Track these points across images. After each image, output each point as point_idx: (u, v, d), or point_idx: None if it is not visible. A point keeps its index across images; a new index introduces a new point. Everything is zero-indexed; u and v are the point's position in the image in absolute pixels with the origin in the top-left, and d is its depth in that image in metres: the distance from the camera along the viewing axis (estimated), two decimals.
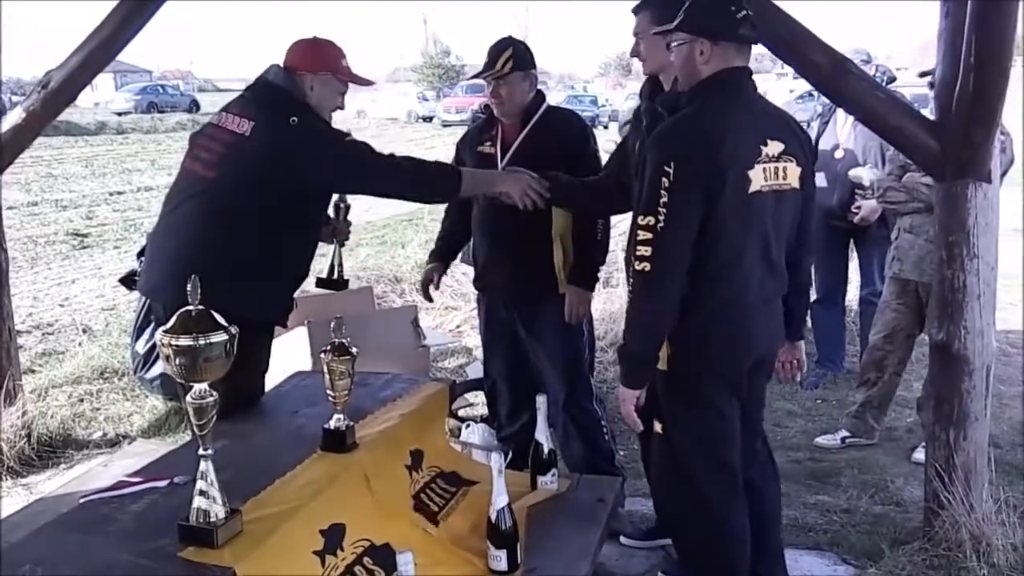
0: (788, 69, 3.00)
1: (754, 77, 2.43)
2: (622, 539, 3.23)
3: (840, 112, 4.48)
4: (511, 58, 3.10)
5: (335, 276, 3.17)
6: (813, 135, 4.44)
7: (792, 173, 2.33)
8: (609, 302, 5.81)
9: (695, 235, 2.22)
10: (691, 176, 2.19)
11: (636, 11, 2.73)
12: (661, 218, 2.19)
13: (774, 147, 2.29)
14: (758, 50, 2.84)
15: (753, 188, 2.24)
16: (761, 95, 2.50)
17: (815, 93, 4.77)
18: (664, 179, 2.19)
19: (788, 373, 2.72)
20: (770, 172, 2.27)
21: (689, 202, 2.20)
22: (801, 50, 2.92)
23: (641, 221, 2.22)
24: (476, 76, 3.30)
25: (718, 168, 2.21)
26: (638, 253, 2.21)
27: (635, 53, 2.77)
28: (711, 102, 2.31)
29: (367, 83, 2.86)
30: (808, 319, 3.69)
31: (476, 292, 3.59)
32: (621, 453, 3.71)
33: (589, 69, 70.14)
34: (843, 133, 4.61)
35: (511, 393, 3.49)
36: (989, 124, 2.74)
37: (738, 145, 2.25)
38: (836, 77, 2.92)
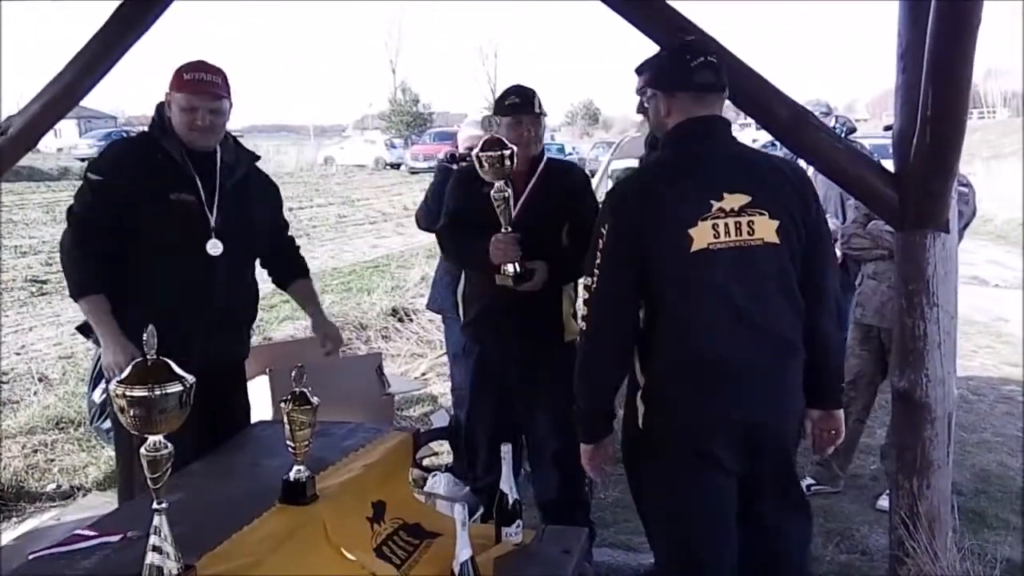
0: (751, 119, 3.05)
1: None
2: None
3: (800, 162, 4.56)
4: (540, 102, 3.14)
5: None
6: None
7: (763, 226, 2.19)
8: None
9: (633, 294, 2.20)
10: (622, 236, 2.18)
11: (639, 71, 2.89)
12: (595, 279, 2.21)
13: (733, 200, 2.17)
14: None
15: (697, 246, 2.14)
16: (737, 142, 2.40)
17: (776, 144, 4.87)
18: (600, 240, 2.21)
19: (821, 444, 2.51)
20: (726, 227, 2.16)
21: (620, 264, 2.19)
22: (762, 102, 2.96)
23: (583, 283, 2.27)
24: (509, 114, 3.12)
25: (649, 227, 2.17)
26: (582, 312, 2.27)
27: (640, 110, 2.87)
28: (661, 157, 2.31)
29: (201, 90, 2.75)
30: None
31: (465, 339, 3.43)
32: (592, 501, 3.67)
33: (556, 118, 71.10)
34: None
35: (491, 444, 3.38)
36: (946, 175, 2.79)
37: (678, 202, 2.18)
38: (797, 128, 2.95)
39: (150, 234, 2.74)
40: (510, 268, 2.98)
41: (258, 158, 3.09)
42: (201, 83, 2.75)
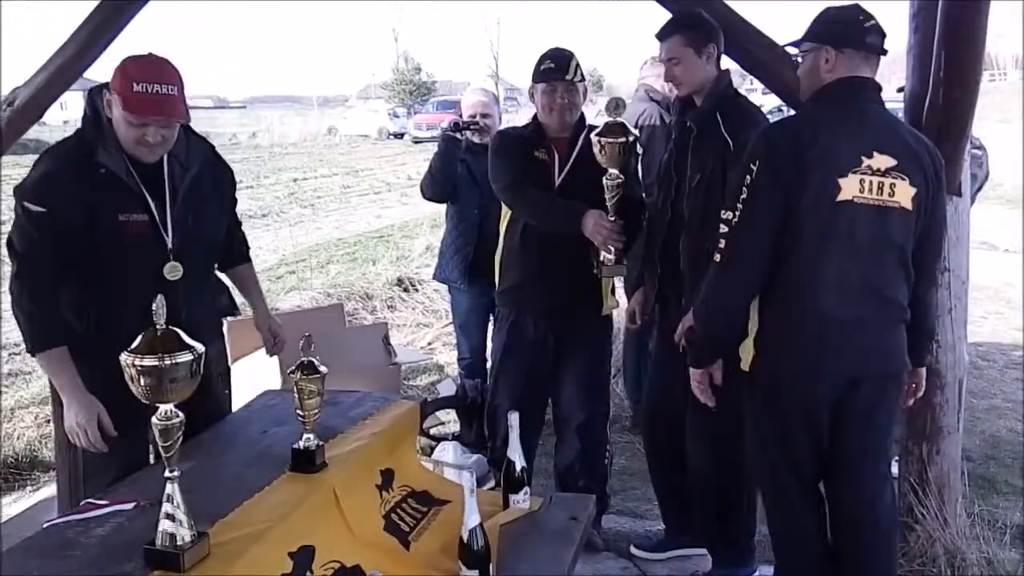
0: (756, 84, 3.03)
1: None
2: (633, 550, 3.25)
3: None
4: (578, 66, 3.07)
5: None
6: None
7: (902, 191, 2.29)
8: None
9: (773, 234, 2.29)
10: (772, 174, 2.27)
11: (664, 36, 2.85)
12: (738, 213, 2.30)
13: (881, 161, 2.27)
14: (728, 64, 2.88)
15: (842, 197, 2.24)
16: (889, 111, 2.48)
17: (784, 108, 4.83)
18: (748, 176, 2.30)
19: (906, 396, 2.65)
20: (870, 185, 2.26)
21: (767, 200, 2.28)
22: (770, 65, 2.93)
23: (723, 216, 2.34)
24: (543, 80, 3.06)
25: (801, 168, 2.25)
26: (718, 245, 2.35)
27: (670, 78, 2.90)
28: (817, 107, 2.40)
29: (156, 110, 2.25)
30: None
31: (499, 306, 3.37)
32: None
33: None
34: None
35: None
36: (959, 138, 2.77)
37: (831, 149, 2.27)
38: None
39: (99, 263, 2.35)
40: (611, 255, 2.95)
41: (211, 147, 2.65)
42: (156, 101, 2.23)
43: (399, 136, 33.18)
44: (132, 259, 2.36)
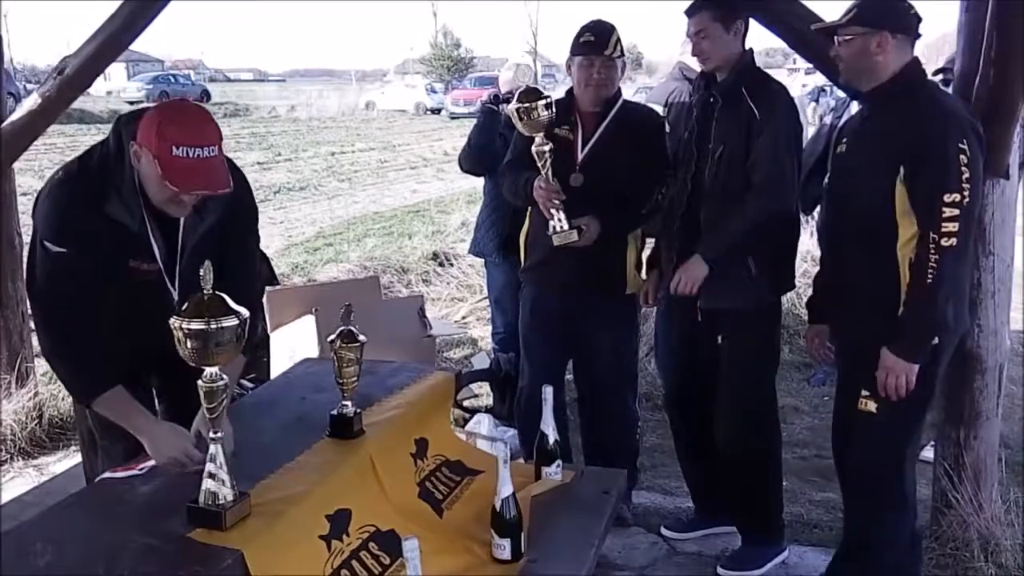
0: (800, 64, 3.00)
1: (768, 71, 2.46)
2: (663, 531, 3.27)
3: (854, 105, 4.46)
4: (618, 41, 3.03)
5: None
6: (826, 129, 4.44)
7: None
8: None
9: None
10: (979, 151, 2.36)
11: (692, 12, 2.87)
12: (966, 193, 2.30)
13: None
14: (772, 44, 2.89)
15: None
16: None
17: (827, 88, 4.76)
18: (962, 156, 2.31)
19: None
20: None
21: (980, 176, 2.38)
22: (817, 46, 2.89)
23: (947, 199, 2.30)
24: (580, 53, 3.01)
25: (982, 146, 2.40)
26: (944, 229, 2.30)
27: (697, 52, 2.89)
28: (931, 90, 2.50)
29: (199, 183, 2.00)
30: None
31: (524, 283, 3.37)
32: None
33: None
34: None
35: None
36: (1008, 120, 2.71)
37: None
38: None
39: (103, 311, 2.15)
40: (557, 224, 2.95)
41: (240, 182, 2.25)
42: (199, 169, 1.97)
43: (436, 112, 33.13)
44: (136, 308, 2.18)
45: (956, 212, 2.30)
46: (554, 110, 2.93)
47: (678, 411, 3.28)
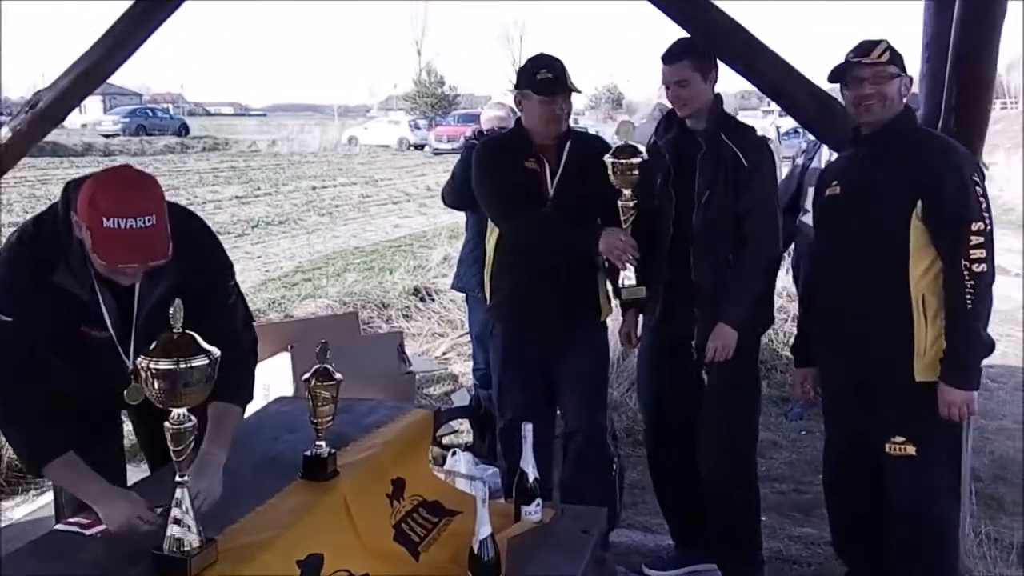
0: (774, 107, 3.09)
1: (742, 113, 2.52)
2: (644, 570, 3.24)
3: (824, 148, 4.54)
4: (569, 74, 3.01)
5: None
6: (798, 170, 4.53)
7: None
8: None
9: None
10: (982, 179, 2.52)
11: (671, 60, 2.92)
12: (987, 219, 2.45)
13: None
14: (746, 87, 2.94)
15: None
16: None
17: (800, 130, 4.84)
18: (977, 187, 2.46)
19: None
20: None
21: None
22: (789, 90, 2.99)
23: (974, 228, 2.42)
24: (542, 91, 2.95)
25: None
26: (973, 256, 2.42)
27: (675, 99, 2.95)
28: (925, 129, 2.71)
29: (132, 257, 1.92)
30: None
31: (494, 320, 3.30)
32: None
33: (579, 101, 70.54)
34: None
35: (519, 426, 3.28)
36: None
37: None
38: (822, 117, 2.97)
39: (55, 375, 2.10)
40: (625, 280, 2.96)
41: (201, 249, 2.22)
42: (130, 242, 1.86)
43: (419, 148, 33.28)
44: (96, 369, 2.13)
45: (982, 240, 2.42)
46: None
47: (659, 444, 3.26)
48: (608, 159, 2.89)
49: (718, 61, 2.94)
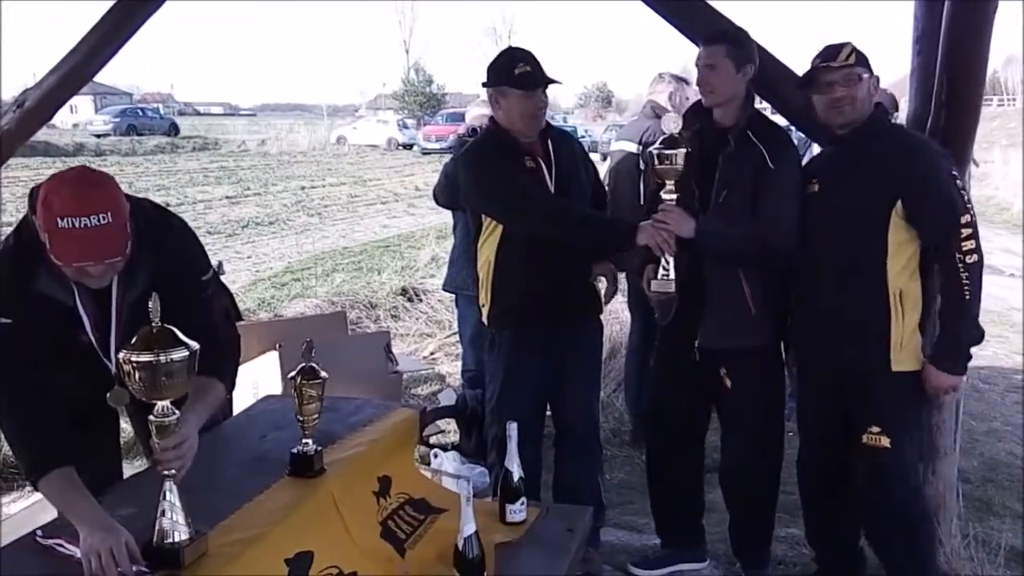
0: (764, 104, 3.07)
1: None
2: (631, 568, 3.23)
3: (815, 146, 4.56)
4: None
5: None
6: None
7: None
8: None
9: None
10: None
11: (709, 42, 2.81)
12: (971, 211, 2.54)
13: None
14: None
15: None
16: None
17: (791, 128, 4.87)
18: (957, 180, 2.56)
19: None
20: None
21: None
22: (779, 89, 2.98)
23: (963, 220, 2.52)
24: (521, 86, 2.88)
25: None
26: (965, 248, 2.51)
27: (703, 83, 2.83)
28: (900, 129, 2.83)
29: (87, 254, 1.90)
30: None
31: (497, 331, 3.13)
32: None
33: (569, 99, 70.59)
34: None
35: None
36: (960, 162, 2.78)
37: None
38: (812, 115, 2.95)
39: (52, 386, 2.06)
40: (662, 270, 2.80)
41: (174, 248, 2.22)
42: (83, 242, 1.86)
43: (408, 147, 33.24)
44: (83, 377, 2.14)
45: (971, 231, 2.51)
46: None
47: (658, 444, 3.24)
48: (653, 150, 2.81)
49: (758, 58, 2.84)
